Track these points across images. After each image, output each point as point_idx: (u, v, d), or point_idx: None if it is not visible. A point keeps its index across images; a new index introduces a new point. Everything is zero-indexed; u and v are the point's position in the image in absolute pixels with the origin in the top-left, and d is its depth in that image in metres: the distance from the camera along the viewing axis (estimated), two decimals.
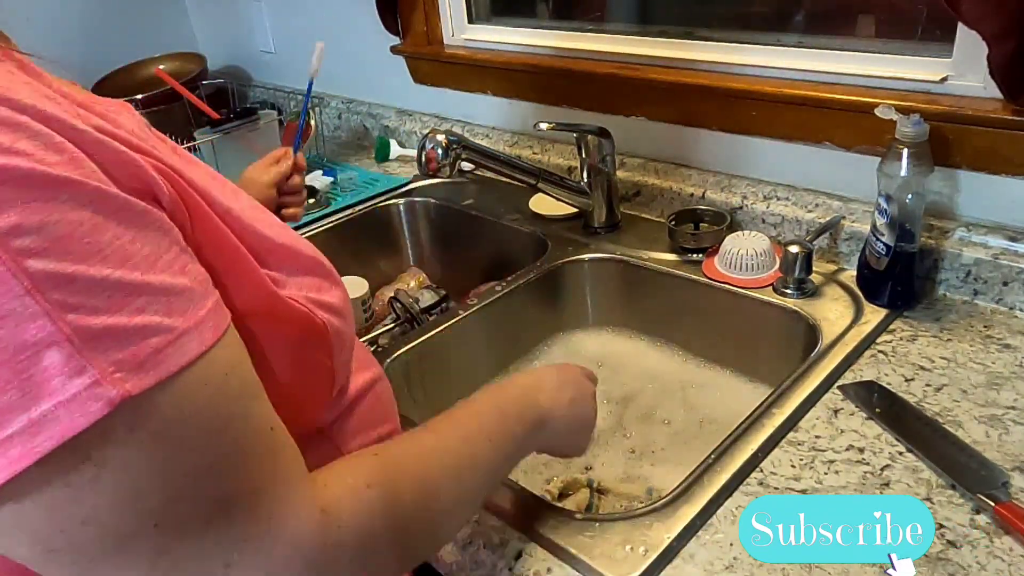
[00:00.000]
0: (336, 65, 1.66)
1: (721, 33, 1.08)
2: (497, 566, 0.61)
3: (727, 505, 0.64)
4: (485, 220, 1.24)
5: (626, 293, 1.07)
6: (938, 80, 0.87)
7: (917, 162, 0.81)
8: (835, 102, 0.92)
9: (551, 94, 1.25)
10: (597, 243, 1.10)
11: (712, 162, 1.10)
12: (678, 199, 1.11)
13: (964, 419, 0.70)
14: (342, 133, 1.69)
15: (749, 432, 0.71)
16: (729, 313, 0.96)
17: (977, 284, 0.86)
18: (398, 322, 1.06)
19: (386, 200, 1.36)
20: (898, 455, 0.67)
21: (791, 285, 0.92)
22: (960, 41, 0.85)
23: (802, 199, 1.00)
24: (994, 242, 0.85)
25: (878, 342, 0.82)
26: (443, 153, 0.98)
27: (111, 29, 1.81)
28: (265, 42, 1.80)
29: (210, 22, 1.95)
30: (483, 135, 1.39)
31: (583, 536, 0.62)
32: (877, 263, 0.86)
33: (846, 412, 0.73)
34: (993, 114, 0.81)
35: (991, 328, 0.82)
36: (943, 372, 0.77)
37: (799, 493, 0.64)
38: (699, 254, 1.02)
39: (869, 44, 0.95)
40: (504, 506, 0.66)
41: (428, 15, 1.41)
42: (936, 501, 0.62)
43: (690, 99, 1.07)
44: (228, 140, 1.42)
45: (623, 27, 1.21)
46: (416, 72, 1.48)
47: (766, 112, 1.00)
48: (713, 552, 0.59)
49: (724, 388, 0.97)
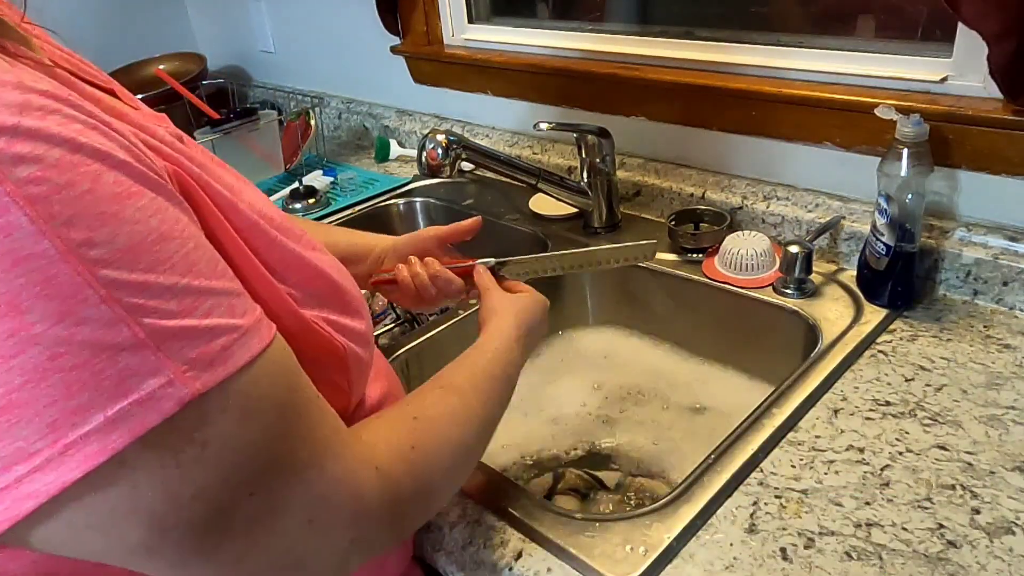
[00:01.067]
0: (336, 65, 1.66)
1: (721, 33, 1.08)
2: (497, 566, 0.61)
3: (727, 505, 0.64)
4: (485, 220, 1.24)
5: (626, 293, 1.07)
6: (938, 80, 0.87)
7: (917, 162, 0.81)
8: (835, 102, 0.92)
9: (551, 94, 1.25)
10: (597, 243, 1.10)
11: (712, 162, 1.10)
12: (678, 199, 1.11)
13: (964, 419, 0.70)
14: (342, 133, 1.69)
15: (749, 432, 0.71)
16: (729, 313, 0.96)
17: (977, 284, 0.86)
18: (398, 322, 1.07)
19: (386, 200, 1.36)
20: (898, 455, 0.67)
21: (791, 285, 0.92)
22: (960, 41, 0.85)
23: (802, 199, 1.00)
24: (994, 242, 0.85)
25: (878, 342, 0.82)
26: (443, 153, 0.98)
27: (111, 29, 1.81)
28: (265, 42, 1.80)
29: (210, 22, 1.95)
30: (483, 135, 1.39)
31: (583, 536, 0.62)
32: (877, 263, 0.86)
33: (846, 412, 0.73)
34: (993, 114, 0.81)
35: (991, 328, 0.83)
36: (943, 372, 0.77)
37: (799, 493, 0.64)
38: (699, 254, 1.02)
39: (869, 44, 0.95)
40: (504, 506, 0.66)
41: (428, 15, 1.41)
42: (936, 501, 0.62)
43: (690, 99, 1.07)
44: (228, 140, 1.43)
45: (623, 27, 1.21)
46: (416, 72, 1.48)
47: (766, 112, 1.00)
48: (713, 552, 0.59)
49: (724, 388, 0.97)
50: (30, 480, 0.32)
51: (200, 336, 0.35)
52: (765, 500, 0.64)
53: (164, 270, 0.35)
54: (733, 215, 1.05)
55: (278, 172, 1.50)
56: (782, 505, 0.63)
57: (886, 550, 0.58)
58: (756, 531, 0.61)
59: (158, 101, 1.57)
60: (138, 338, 0.33)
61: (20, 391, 0.31)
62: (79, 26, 1.76)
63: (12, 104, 0.32)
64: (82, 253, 0.32)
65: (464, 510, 0.66)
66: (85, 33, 1.76)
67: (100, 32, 1.79)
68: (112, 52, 1.75)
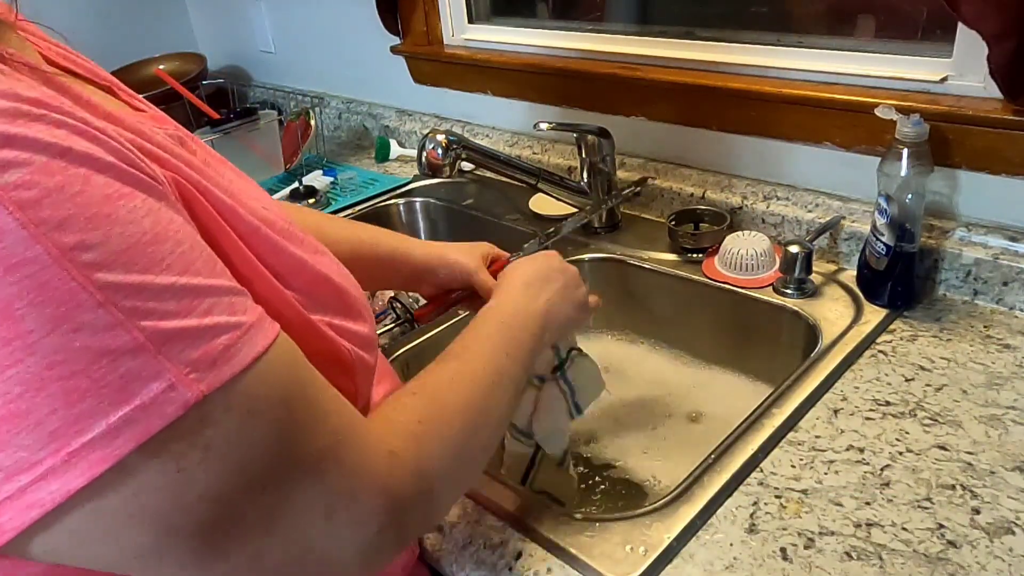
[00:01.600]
0: (336, 65, 1.66)
1: (721, 33, 1.08)
2: (497, 566, 0.61)
3: (727, 505, 0.64)
4: (485, 220, 1.25)
5: (626, 293, 1.07)
6: (938, 80, 0.87)
7: (917, 162, 0.81)
8: (835, 102, 0.92)
9: (551, 94, 1.25)
10: (597, 243, 1.10)
11: (712, 162, 1.10)
12: (678, 199, 1.11)
13: (964, 419, 0.70)
14: (342, 133, 1.69)
15: (749, 432, 0.71)
16: (729, 313, 0.96)
17: (977, 284, 0.86)
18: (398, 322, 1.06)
19: (386, 200, 1.36)
20: (898, 455, 0.67)
21: (791, 285, 0.92)
22: (960, 41, 0.85)
23: (802, 199, 1.00)
24: (994, 242, 0.85)
25: (878, 342, 0.82)
26: (443, 153, 0.98)
27: (111, 29, 1.81)
28: (265, 42, 1.80)
29: (210, 22, 1.95)
30: (483, 135, 1.39)
31: (583, 536, 0.62)
32: (877, 263, 0.86)
33: (846, 412, 0.73)
34: (993, 114, 0.81)
35: (991, 328, 0.83)
36: (943, 372, 0.77)
37: (799, 493, 0.64)
38: (699, 254, 1.02)
39: (869, 44, 0.95)
40: (504, 506, 0.66)
41: (428, 15, 1.41)
42: (936, 501, 0.62)
43: (690, 99, 1.07)
44: (228, 140, 1.42)
45: (623, 27, 1.21)
46: (416, 72, 1.48)
47: (766, 112, 1.00)
48: (713, 552, 0.59)
49: (724, 388, 0.97)
50: (34, 489, 0.32)
51: (201, 336, 0.35)
52: (765, 500, 0.64)
53: (160, 270, 0.34)
54: (733, 215, 1.05)
55: (278, 172, 1.50)
56: (782, 505, 0.63)
57: (886, 550, 0.58)
58: (756, 531, 0.61)
59: (158, 101, 1.55)
60: (138, 341, 0.32)
61: (19, 401, 0.31)
62: (79, 26, 1.76)
63: (0, 112, 0.32)
64: (75, 257, 0.31)
65: (464, 510, 0.66)
66: (85, 33, 1.76)
67: (100, 32, 1.79)
68: (112, 52, 1.74)
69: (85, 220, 0.32)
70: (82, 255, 0.32)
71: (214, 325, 0.36)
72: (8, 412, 0.31)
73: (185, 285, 0.35)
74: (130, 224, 0.34)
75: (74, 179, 0.32)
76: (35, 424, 0.31)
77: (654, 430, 0.91)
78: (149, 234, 0.34)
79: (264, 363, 0.38)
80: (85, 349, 0.31)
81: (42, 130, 0.33)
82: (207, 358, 0.35)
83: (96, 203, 0.33)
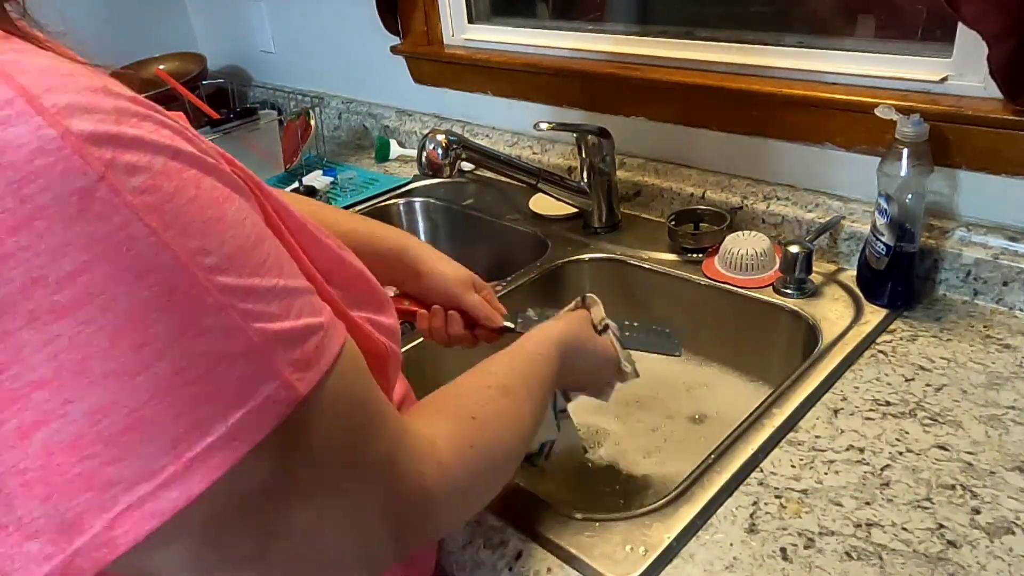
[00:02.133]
0: (336, 65, 1.66)
1: (721, 33, 1.08)
2: (497, 566, 0.61)
3: (727, 505, 0.64)
4: (485, 220, 1.25)
5: (626, 293, 1.07)
6: (938, 80, 0.87)
7: (917, 162, 0.81)
8: (835, 102, 0.92)
9: (551, 94, 1.25)
10: (597, 243, 1.10)
11: (712, 162, 1.10)
12: (678, 199, 1.11)
13: (964, 419, 0.70)
14: (342, 133, 1.69)
15: (749, 432, 0.71)
16: (729, 313, 0.96)
17: (977, 284, 0.86)
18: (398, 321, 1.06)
19: (386, 200, 1.36)
20: (898, 455, 0.67)
21: (791, 285, 0.92)
22: (960, 41, 0.85)
23: (802, 199, 1.00)
24: (994, 242, 0.85)
25: (878, 342, 0.82)
26: (443, 153, 0.98)
27: (111, 29, 1.81)
28: (265, 42, 1.80)
29: (210, 22, 1.95)
30: (483, 135, 1.39)
31: (583, 536, 0.62)
32: (877, 263, 0.86)
33: (846, 412, 0.73)
34: (993, 114, 0.81)
35: (991, 328, 0.83)
36: (943, 372, 0.77)
37: (799, 493, 0.64)
38: (699, 254, 1.02)
39: (869, 44, 0.95)
40: (504, 506, 0.66)
41: (428, 15, 1.41)
42: (936, 501, 0.62)
43: (690, 99, 1.07)
44: (228, 140, 1.42)
45: (623, 27, 1.21)
46: (416, 72, 1.48)
47: (766, 112, 1.00)
48: (713, 552, 0.59)
49: (724, 388, 0.97)
50: (154, 498, 0.31)
51: (298, 337, 0.35)
52: (765, 500, 0.64)
53: (264, 273, 0.34)
54: (733, 215, 1.05)
55: (278, 172, 1.50)
56: (782, 505, 0.63)
57: (886, 550, 0.58)
58: (756, 531, 0.61)
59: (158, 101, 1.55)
60: (252, 344, 0.33)
61: (147, 407, 0.30)
62: (79, 26, 1.75)
63: (109, 111, 0.31)
64: (199, 261, 0.31)
65: None
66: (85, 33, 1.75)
67: (100, 32, 1.79)
68: (112, 52, 1.74)
69: (202, 224, 0.32)
70: (204, 259, 0.32)
71: (305, 326, 0.36)
72: (135, 420, 0.30)
73: (283, 287, 0.35)
74: (237, 227, 0.34)
75: (188, 182, 0.32)
76: (159, 431, 0.31)
77: (654, 431, 0.91)
78: (252, 237, 0.35)
79: (342, 363, 0.38)
80: (207, 353, 0.31)
81: (153, 130, 0.32)
82: (304, 358, 0.35)
83: (209, 206, 0.33)
